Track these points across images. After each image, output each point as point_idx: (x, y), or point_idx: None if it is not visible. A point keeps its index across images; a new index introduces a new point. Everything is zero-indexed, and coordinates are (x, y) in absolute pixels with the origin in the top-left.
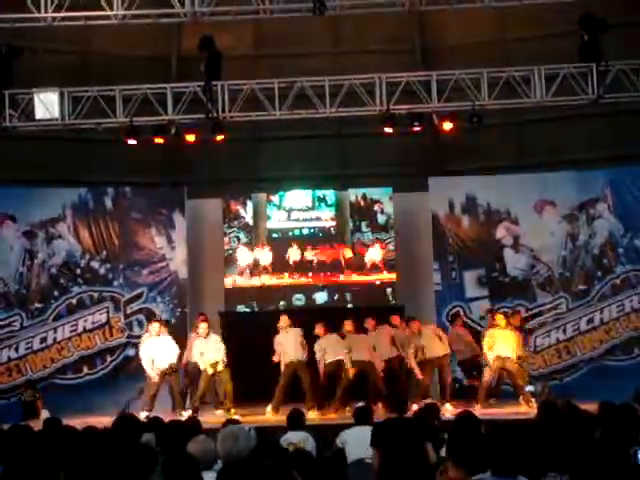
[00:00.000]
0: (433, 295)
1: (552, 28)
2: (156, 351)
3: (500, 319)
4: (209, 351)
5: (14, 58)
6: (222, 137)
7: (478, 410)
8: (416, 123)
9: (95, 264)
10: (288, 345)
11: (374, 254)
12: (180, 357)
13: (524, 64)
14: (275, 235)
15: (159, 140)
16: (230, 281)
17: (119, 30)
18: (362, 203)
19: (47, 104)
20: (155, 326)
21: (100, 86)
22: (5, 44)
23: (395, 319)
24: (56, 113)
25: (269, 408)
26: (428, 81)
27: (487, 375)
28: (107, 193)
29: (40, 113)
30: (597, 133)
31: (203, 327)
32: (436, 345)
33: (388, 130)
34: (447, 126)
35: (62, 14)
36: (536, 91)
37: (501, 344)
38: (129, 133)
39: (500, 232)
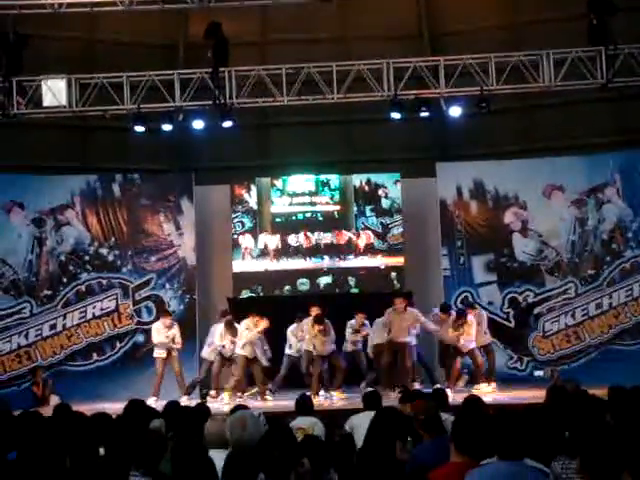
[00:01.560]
0: (441, 280)
1: (560, 12)
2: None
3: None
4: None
5: (22, 46)
6: (230, 123)
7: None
8: (424, 108)
9: (104, 251)
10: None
11: (365, 239)
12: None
13: (532, 48)
14: (279, 220)
15: (167, 127)
16: (236, 266)
17: (126, 17)
18: (366, 188)
19: (55, 91)
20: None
21: (107, 73)
22: (13, 32)
23: (399, 302)
24: (64, 100)
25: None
26: (436, 66)
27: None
28: (115, 180)
29: (48, 100)
30: (606, 117)
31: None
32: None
33: (395, 116)
34: (455, 111)
35: (69, 1)
36: (544, 76)
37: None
38: (137, 120)
39: (508, 217)
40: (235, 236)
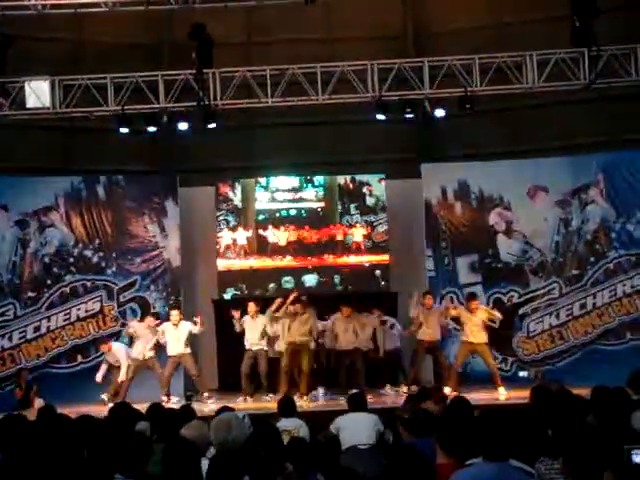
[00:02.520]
0: (427, 281)
1: (544, 13)
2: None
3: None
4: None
5: (6, 46)
6: (214, 125)
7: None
8: (408, 110)
9: (88, 253)
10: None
11: (356, 236)
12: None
13: (516, 50)
14: (262, 217)
15: (151, 128)
16: (221, 265)
17: (110, 18)
18: (351, 186)
19: (38, 93)
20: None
21: (91, 74)
22: None
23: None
24: (47, 102)
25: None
26: (420, 67)
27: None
28: (99, 182)
29: (31, 102)
30: (589, 118)
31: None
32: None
33: (380, 117)
34: (439, 112)
35: (53, 1)
36: (528, 77)
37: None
38: (121, 121)
39: (493, 218)
40: (220, 235)
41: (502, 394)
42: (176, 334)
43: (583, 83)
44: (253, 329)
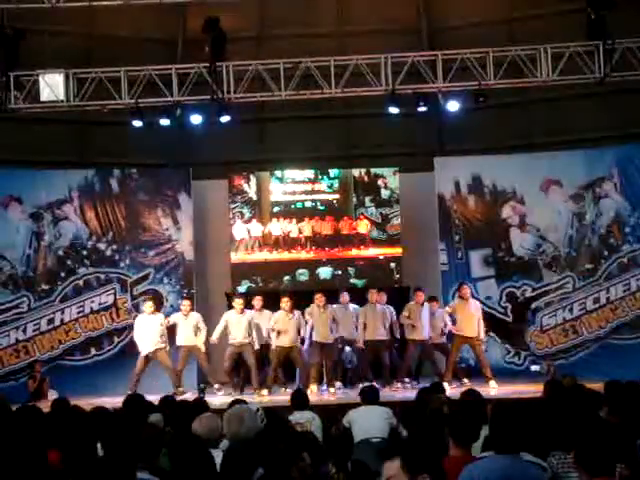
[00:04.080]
0: (439, 275)
1: (558, 6)
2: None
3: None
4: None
5: (19, 40)
6: (227, 118)
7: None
8: (422, 103)
9: (101, 246)
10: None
11: (360, 228)
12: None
13: (530, 43)
14: (277, 208)
15: (164, 121)
16: (234, 257)
17: (124, 11)
18: (366, 178)
19: (52, 86)
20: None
21: (105, 68)
22: (10, 26)
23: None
24: (61, 95)
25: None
26: (434, 61)
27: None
28: (113, 175)
29: (45, 95)
30: (603, 112)
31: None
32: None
33: (393, 110)
34: (453, 106)
35: None
36: (542, 70)
37: None
38: (134, 114)
39: (506, 212)
40: (234, 228)
41: (493, 387)
42: (186, 324)
43: (598, 77)
44: (239, 324)
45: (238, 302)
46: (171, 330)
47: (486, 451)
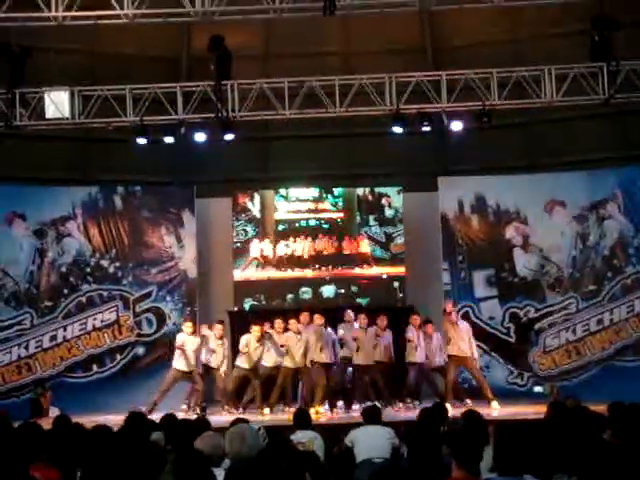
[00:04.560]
0: (442, 295)
1: (562, 28)
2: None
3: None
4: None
5: (25, 57)
6: (232, 136)
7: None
8: (426, 123)
9: (105, 263)
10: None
11: (363, 248)
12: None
13: (534, 64)
14: (282, 227)
15: (169, 139)
16: (238, 275)
17: (129, 29)
18: (370, 197)
19: (57, 103)
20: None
21: (110, 85)
22: (16, 43)
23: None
24: (66, 112)
25: None
26: (438, 81)
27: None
28: (117, 192)
29: (50, 112)
30: (607, 133)
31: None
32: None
33: (397, 130)
34: (457, 126)
35: (72, 13)
36: (546, 91)
37: None
38: (139, 132)
39: (509, 232)
40: (239, 245)
41: (495, 408)
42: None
43: (602, 98)
44: (255, 350)
45: (256, 329)
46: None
47: (490, 473)
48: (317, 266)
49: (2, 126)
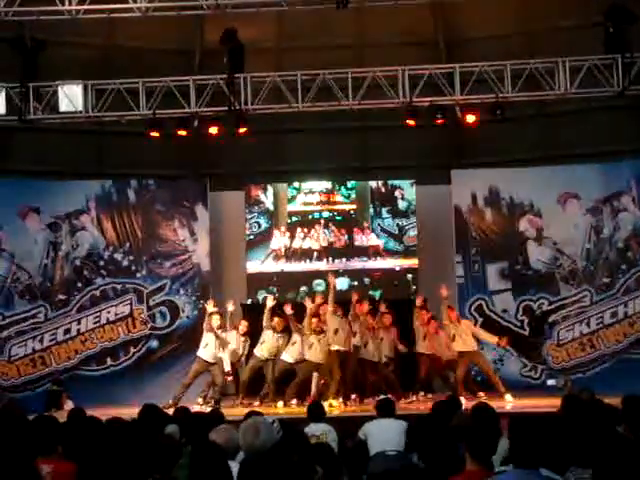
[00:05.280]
0: (455, 287)
1: (576, 19)
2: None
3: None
4: None
5: (39, 51)
6: (245, 129)
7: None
8: (439, 115)
9: (118, 256)
10: None
11: (373, 240)
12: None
13: (548, 56)
14: (295, 219)
15: (182, 132)
16: (253, 267)
17: (142, 23)
18: (383, 189)
19: (71, 97)
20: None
21: (123, 79)
22: (30, 37)
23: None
24: (80, 106)
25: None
26: (451, 73)
27: None
28: (130, 185)
29: (64, 106)
30: (621, 125)
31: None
32: None
33: (411, 123)
34: (470, 119)
35: (86, 7)
36: (560, 83)
37: None
38: (152, 126)
39: (523, 225)
40: (252, 237)
41: (509, 401)
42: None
43: (616, 90)
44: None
45: (279, 321)
46: None
47: (502, 466)
48: (330, 258)
49: (16, 120)
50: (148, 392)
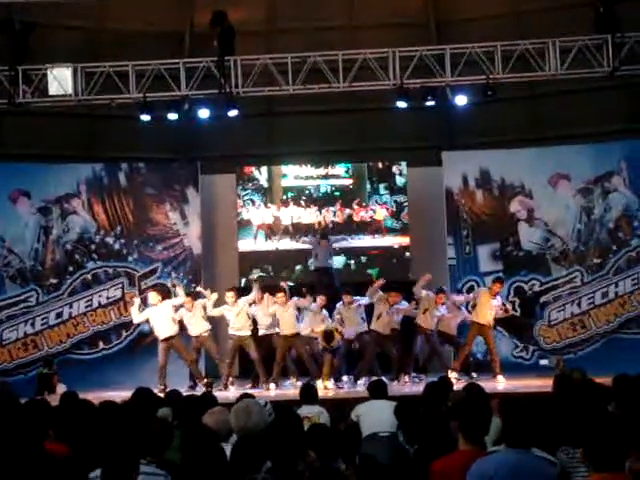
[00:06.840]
0: (447, 269)
1: (566, 0)
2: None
3: None
4: None
5: (28, 34)
6: (235, 112)
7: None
8: (430, 97)
9: (109, 240)
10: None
11: (378, 215)
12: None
13: (538, 36)
14: (290, 194)
15: (172, 116)
16: (245, 246)
17: (132, 5)
18: (380, 165)
19: (60, 80)
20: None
21: (113, 62)
22: (19, 19)
23: None
24: (69, 89)
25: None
26: (442, 55)
27: None
28: (121, 169)
29: (54, 89)
30: (612, 106)
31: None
32: None
33: (401, 104)
34: (461, 100)
35: None
36: (550, 64)
37: None
38: (142, 109)
39: (514, 206)
40: (243, 217)
41: (501, 382)
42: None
43: (606, 70)
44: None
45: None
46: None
47: (497, 445)
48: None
49: (5, 103)
50: (140, 375)
